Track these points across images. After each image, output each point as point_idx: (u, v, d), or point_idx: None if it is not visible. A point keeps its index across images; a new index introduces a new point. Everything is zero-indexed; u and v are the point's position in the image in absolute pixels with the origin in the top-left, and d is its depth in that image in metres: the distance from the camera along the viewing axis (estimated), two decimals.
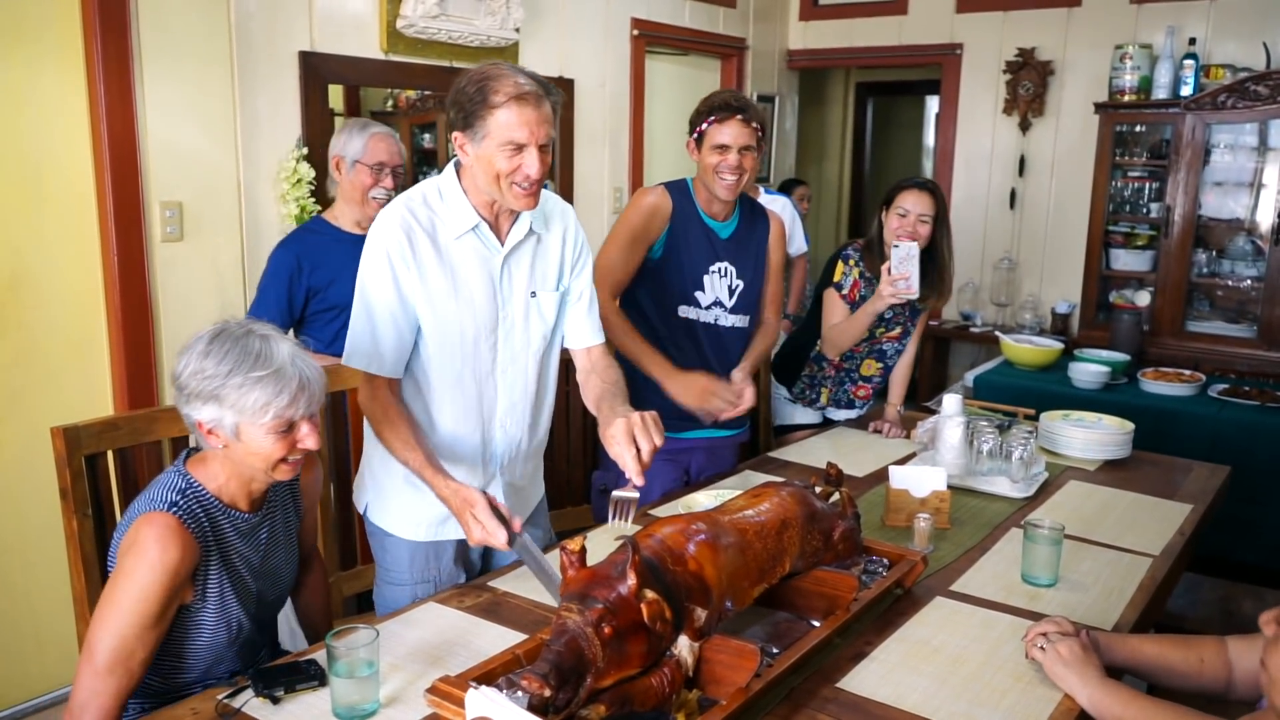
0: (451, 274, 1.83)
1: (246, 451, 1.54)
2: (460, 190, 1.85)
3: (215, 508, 1.59)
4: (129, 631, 1.46)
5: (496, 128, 1.72)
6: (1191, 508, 2.41)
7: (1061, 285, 5.21)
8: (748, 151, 2.41)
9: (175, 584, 1.48)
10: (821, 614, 1.71)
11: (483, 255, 1.86)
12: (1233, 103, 4.37)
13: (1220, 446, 3.42)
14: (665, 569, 1.41)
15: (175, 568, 1.48)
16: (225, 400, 1.49)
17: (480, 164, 1.77)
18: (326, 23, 3.36)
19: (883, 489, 2.34)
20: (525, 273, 1.91)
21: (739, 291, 2.56)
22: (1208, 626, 2.64)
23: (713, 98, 2.46)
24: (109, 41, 2.79)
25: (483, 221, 1.85)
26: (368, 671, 1.44)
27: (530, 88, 1.73)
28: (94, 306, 2.91)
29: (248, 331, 1.54)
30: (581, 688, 1.29)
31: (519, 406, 1.98)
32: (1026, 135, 5.22)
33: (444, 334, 1.84)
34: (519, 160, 1.74)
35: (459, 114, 1.75)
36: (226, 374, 1.48)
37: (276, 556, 1.73)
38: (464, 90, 1.74)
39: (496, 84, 1.72)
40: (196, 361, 1.50)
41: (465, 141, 1.77)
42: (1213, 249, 4.67)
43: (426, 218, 1.83)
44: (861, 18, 5.65)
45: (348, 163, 2.77)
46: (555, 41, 4.26)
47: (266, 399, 1.49)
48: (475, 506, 1.72)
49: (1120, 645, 1.61)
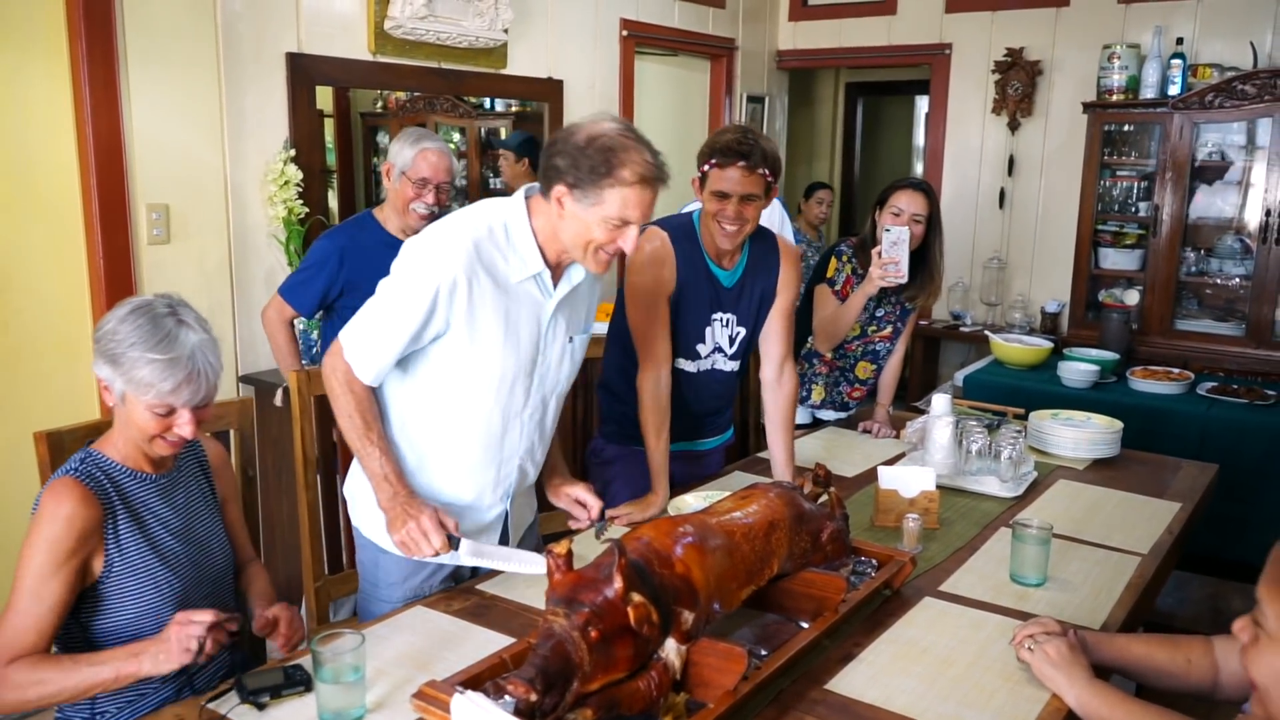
0: (504, 316, 1.76)
1: (129, 417, 1.60)
2: (530, 232, 1.76)
3: (117, 470, 1.64)
4: (27, 585, 1.51)
5: (613, 202, 1.66)
6: (1180, 506, 2.42)
7: (1051, 284, 5.22)
8: (751, 201, 2.22)
9: (72, 538, 1.53)
10: (810, 615, 1.71)
11: (535, 300, 1.80)
12: (1220, 102, 4.38)
13: (1209, 445, 3.43)
14: (652, 571, 1.40)
15: (69, 519, 1.53)
16: (120, 366, 1.56)
17: (574, 223, 1.70)
18: (314, 24, 3.35)
19: (872, 489, 2.33)
20: (566, 317, 1.87)
21: (739, 339, 2.44)
22: (1196, 625, 2.64)
23: (719, 137, 2.25)
24: (94, 42, 2.77)
25: (545, 269, 1.79)
26: (354, 677, 1.43)
27: (655, 171, 1.69)
28: (80, 309, 2.89)
29: (170, 312, 1.59)
30: (568, 692, 1.28)
31: (537, 447, 1.96)
32: (1016, 135, 5.23)
33: (482, 373, 1.79)
34: (618, 235, 1.70)
35: (571, 170, 1.66)
36: (130, 345, 1.55)
37: (201, 523, 1.75)
38: (584, 150, 1.65)
39: (626, 158, 1.65)
40: (114, 324, 1.58)
41: (566, 196, 1.68)
42: (1201, 248, 4.69)
43: (490, 257, 1.73)
44: (851, 18, 5.65)
45: (396, 172, 2.81)
46: (544, 42, 4.25)
47: (152, 379, 1.55)
48: (423, 516, 1.70)
49: (1108, 645, 1.61)
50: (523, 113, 4.50)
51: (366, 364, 1.77)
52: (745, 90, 5.60)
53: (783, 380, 2.49)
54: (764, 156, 2.21)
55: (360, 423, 1.77)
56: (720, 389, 2.51)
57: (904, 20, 5.50)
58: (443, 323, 1.73)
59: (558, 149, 1.69)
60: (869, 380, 3.10)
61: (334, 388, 1.79)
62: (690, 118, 5.62)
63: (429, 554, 1.72)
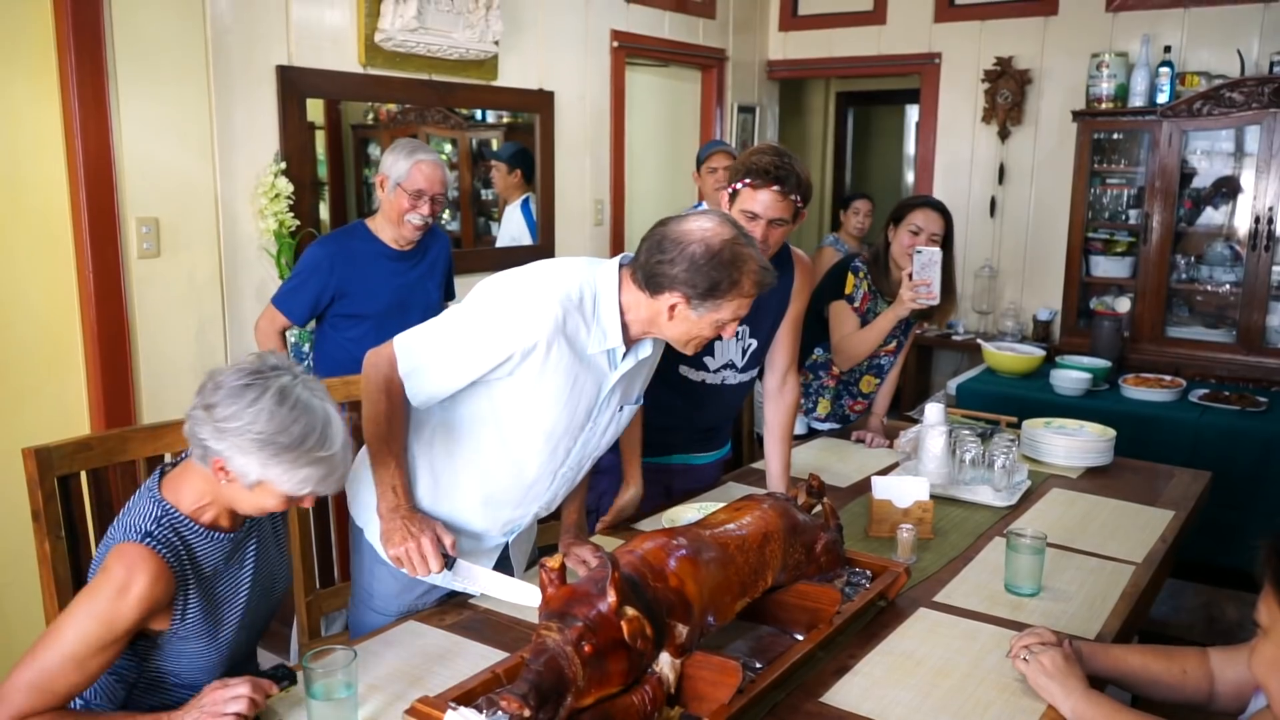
0: (572, 383, 1.74)
1: (246, 497, 1.49)
2: (618, 308, 1.73)
3: (193, 532, 1.53)
4: (68, 651, 1.40)
5: (729, 309, 1.67)
6: (1173, 514, 2.42)
7: (1042, 292, 5.23)
8: (778, 225, 2.20)
9: (139, 613, 1.43)
10: (804, 627, 1.70)
11: (601, 370, 1.78)
12: (1208, 110, 4.40)
13: (1201, 452, 3.43)
14: (646, 585, 1.40)
15: (143, 596, 1.43)
16: (270, 465, 1.42)
17: (685, 325, 1.70)
18: (304, 36, 3.35)
19: (865, 499, 2.33)
20: (623, 388, 1.86)
21: (752, 350, 2.43)
22: (1191, 632, 2.64)
23: (756, 157, 2.21)
24: (83, 55, 2.76)
25: (622, 345, 1.76)
26: (346, 693, 1.42)
27: (770, 277, 1.70)
28: (69, 324, 2.88)
29: (311, 397, 1.46)
30: (562, 707, 1.28)
31: (559, 498, 1.96)
32: (1006, 143, 5.24)
33: (532, 427, 1.77)
34: (724, 331, 1.72)
35: (688, 284, 1.63)
36: (284, 445, 1.41)
37: (268, 561, 1.68)
38: (702, 265, 1.62)
39: (746, 269, 1.65)
40: (255, 416, 1.41)
41: (681, 305, 1.66)
42: (1191, 255, 4.70)
43: (575, 327, 1.71)
44: (841, 28, 5.67)
45: (390, 183, 2.81)
46: (535, 54, 4.26)
47: (312, 482, 1.45)
48: (423, 537, 1.70)
49: (1103, 655, 1.60)
50: (514, 124, 4.50)
51: (418, 389, 1.75)
52: (736, 100, 5.61)
53: (785, 390, 2.49)
54: (798, 182, 2.19)
55: (385, 430, 1.76)
56: (727, 403, 2.50)
57: (893, 30, 5.51)
58: (508, 373, 1.71)
59: (670, 255, 1.64)
60: (870, 394, 3.11)
61: (371, 386, 1.77)
62: (681, 128, 5.63)
63: (423, 575, 1.71)
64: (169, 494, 1.54)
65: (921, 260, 2.73)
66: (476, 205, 4.72)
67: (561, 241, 4.51)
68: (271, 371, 1.46)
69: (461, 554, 1.81)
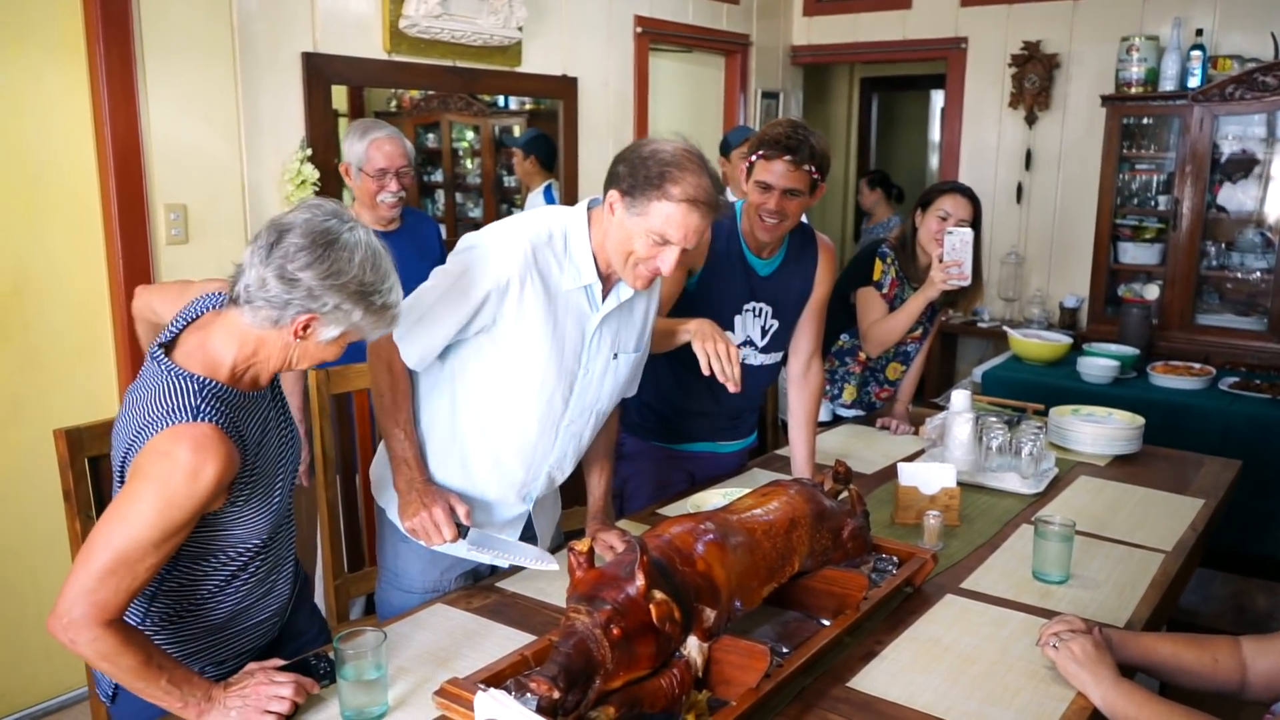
0: (553, 323, 1.76)
1: (316, 351, 1.47)
2: (588, 241, 1.77)
3: (237, 398, 1.48)
4: (146, 537, 1.35)
5: (657, 216, 1.67)
6: (1203, 502, 2.40)
7: (1069, 279, 5.18)
8: (793, 196, 2.20)
9: (213, 494, 1.39)
10: (831, 613, 1.70)
11: (582, 311, 1.80)
12: (1240, 94, 4.34)
13: (1231, 440, 3.39)
14: (674, 569, 1.40)
15: (219, 476, 1.39)
16: (365, 314, 1.42)
17: (620, 232, 1.72)
18: (329, 23, 3.35)
19: (891, 486, 2.32)
20: (612, 334, 1.86)
21: (773, 331, 2.42)
22: (1220, 622, 2.62)
23: (770, 129, 2.23)
24: (111, 43, 2.78)
25: (598, 280, 1.79)
26: (376, 674, 1.44)
27: (706, 196, 1.68)
28: (99, 309, 2.91)
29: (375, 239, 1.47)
30: (590, 689, 1.28)
31: (570, 457, 1.96)
32: (1033, 129, 5.19)
33: (524, 378, 1.79)
34: (658, 253, 1.70)
35: (629, 177, 1.68)
36: (378, 290, 1.42)
37: (285, 431, 1.66)
38: (645, 160, 1.68)
39: (680, 176, 1.66)
40: (359, 268, 1.40)
41: (618, 202, 1.70)
42: (1222, 241, 4.64)
43: (546, 263, 1.74)
44: (865, 13, 5.62)
45: (354, 169, 2.83)
46: (558, 40, 4.25)
47: (386, 322, 1.47)
48: (435, 507, 1.73)
49: (1134, 643, 1.59)
50: (537, 110, 4.50)
51: (411, 347, 1.78)
52: (760, 86, 5.58)
53: (809, 376, 2.48)
54: (812, 153, 2.19)
55: (390, 402, 1.80)
56: (750, 385, 2.45)
57: (919, 14, 5.46)
58: (489, 319, 1.75)
59: (623, 157, 1.72)
60: (896, 381, 3.09)
61: (375, 362, 1.81)
62: (704, 114, 5.60)
63: (439, 544, 1.75)
64: (193, 366, 1.46)
65: (953, 241, 2.71)
66: (499, 192, 4.73)
67: None
68: (343, 223, 1.43)
69: (488, 525, 1.84)
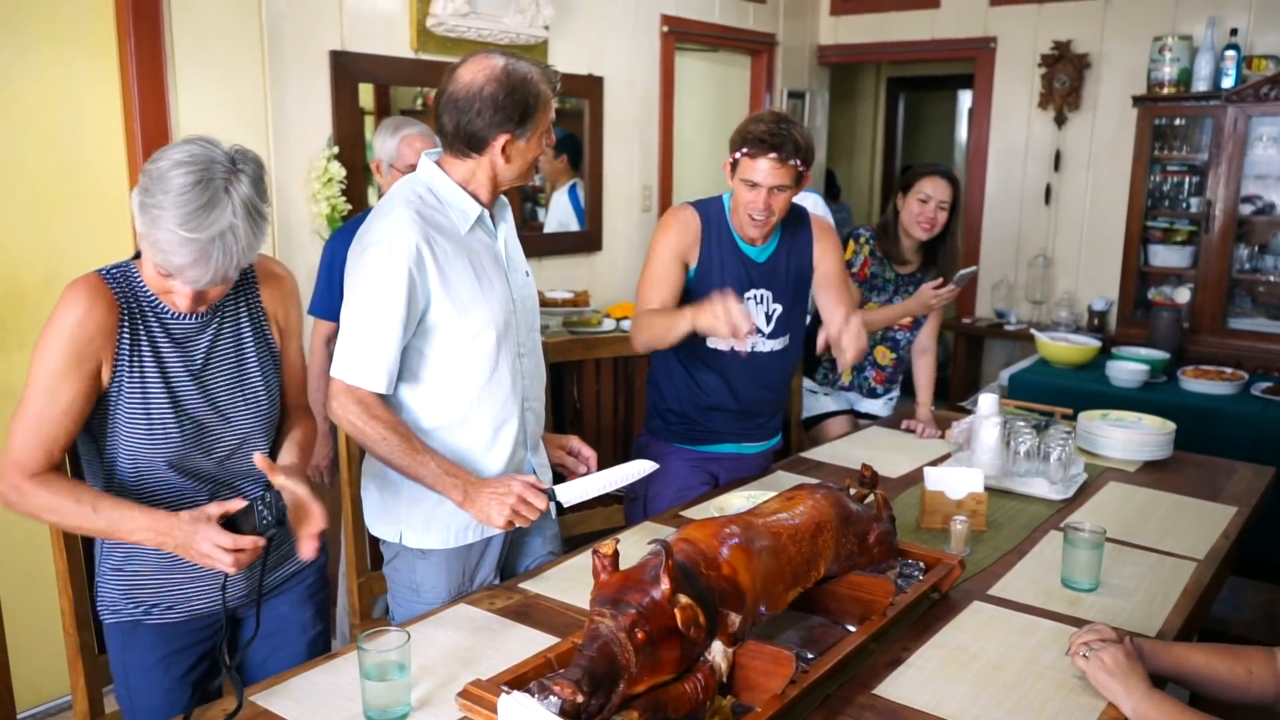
0: (472, 267, 1.80)
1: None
2: (455, 185, 1.83)
3: (146, 294, 1.58)
4: (43, 385, 1.49)
5: (546, 119, 1.82)
6: (1235, 510, 2.36)
7: (1098, 282, 5.12)
8: (780, 191, 2.23)
9: (85, 334, 1.50)
10: (857, 619, 1.69)
11: (487, 244, 1.86)
12: (1276, 94, 4.27)
13: (1264, 447, 3.35)
14: (699, 573, 1.39)
15: (85, 316, 1.50)
16: (146, 215, 1.48)
17: (519, 157, 1.82)
18: (357, 22, 3.37)
19: (918, 490, 2.30)
20: (516, 253, 1.94)
21: (777, 315, 2.41)
22: (1252, 631, 2.58)
23: (752, 125, 2.23)
24: (143, 42, 2.80)
25: (482, 208, 1.84)
26: (399, 674, 1.43)
27: (552, 72, 1.84)
28: None
29: (226, 176, 1.52)
30: (614, 694, 1.27)
31: (537, 383, 1.99)
32: (1062, 129, 5.13)
33: (477, 329, 1.80)
34: (546, 142, 1.85)
35: (513, 112, 1.76)
36: (161, 200, 1.46)
37: (224, 376, 1.64)
38: (510, 88, 1.76)
39: (534, 75, 1.79)
40: (166, 166, 1.49)
41: (509, 141, 1.79)
42: (1254, 244, 4.58)
43: (434, 219, 1.78)
44: (893, 12, 5.58)
45: (385, 166, 2.80)
46: (584, 38, 4.24)
47: (166, 247, 1.47)
48: (514, 486, 1.74)
49: (1165, 653, 1.56)
50: (562, 109, 4.50)
51: (373, 372, 1.74)
52: (786, 86, 5.56)
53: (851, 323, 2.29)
54: (796, 147, 2.20)
55: (398, 440, 1.75)
56: (766, 377, 2.46)
57: (947, 14, 5.42)
58: (423, 295, 1.75)
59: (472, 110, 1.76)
60: (889, 367, 3.11)
61: (355, 426, 1.76)
62: (730, 114, 5.57)
63: (536, 518, 1.76)
64: (138, 263, 1.60)
65: (961, 276, 2.86)
66: (523, 190, 4.72)
67: (609, 227, 4.50)
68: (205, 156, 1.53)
69: None
